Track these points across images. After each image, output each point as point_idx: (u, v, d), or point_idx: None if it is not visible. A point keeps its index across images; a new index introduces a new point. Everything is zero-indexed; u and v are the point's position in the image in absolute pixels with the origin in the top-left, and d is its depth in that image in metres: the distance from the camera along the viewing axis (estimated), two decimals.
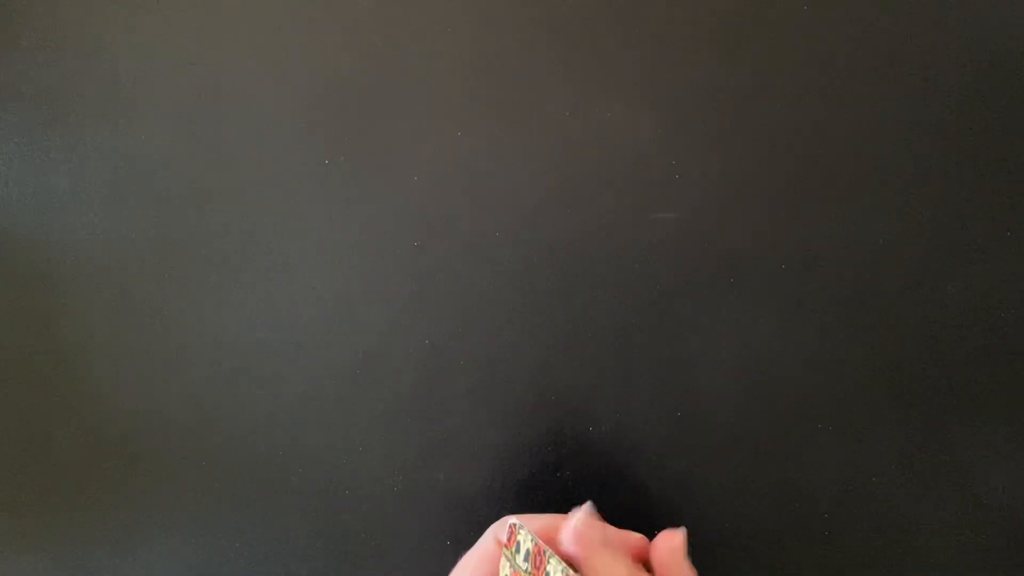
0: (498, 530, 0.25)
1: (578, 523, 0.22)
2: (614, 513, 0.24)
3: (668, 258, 0.29)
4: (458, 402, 0.30)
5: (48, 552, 0.32)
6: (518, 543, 0.25)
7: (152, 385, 0.31)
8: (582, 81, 0.29)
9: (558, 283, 0.29)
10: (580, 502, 0.25)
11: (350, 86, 0.30)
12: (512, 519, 0.25)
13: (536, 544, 0.24)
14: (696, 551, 0.29)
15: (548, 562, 0.24)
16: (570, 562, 0.23)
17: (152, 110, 0.31)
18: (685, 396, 0.29)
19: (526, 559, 0.24)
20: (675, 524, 0.29)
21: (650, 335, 0.29)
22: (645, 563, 0.24)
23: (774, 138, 0.29)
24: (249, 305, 0.31)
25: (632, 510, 0.25)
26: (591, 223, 0.29)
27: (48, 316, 0.32)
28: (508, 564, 0.24)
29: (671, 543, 0.22)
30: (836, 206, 0.28)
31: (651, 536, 0.23)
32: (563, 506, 0.26)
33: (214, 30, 0.31)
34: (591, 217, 0.29)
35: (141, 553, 0.31)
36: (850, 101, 0.28)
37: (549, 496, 0.29)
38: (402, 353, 0.30)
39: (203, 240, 0.31)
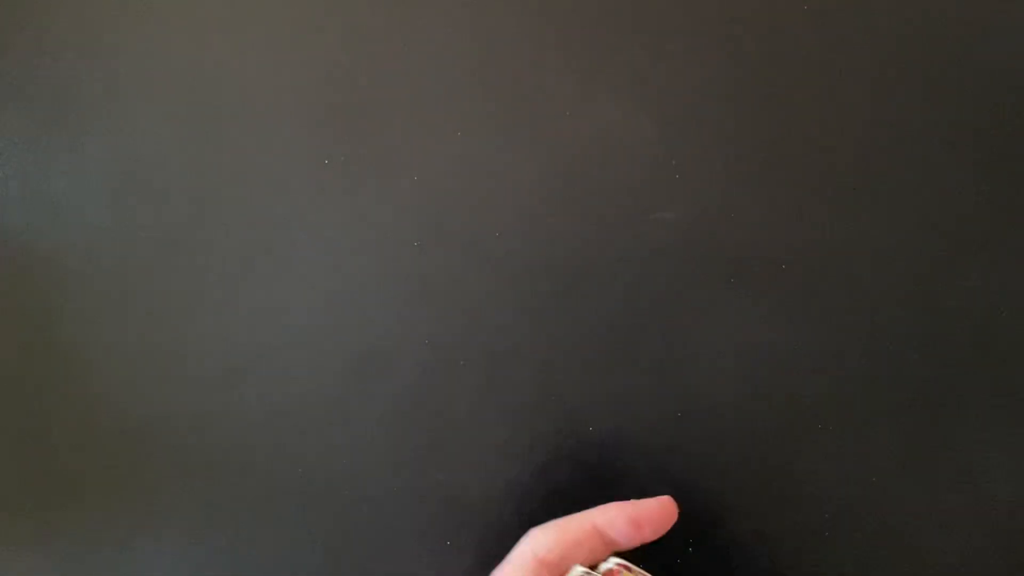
0: (536, 544, 0.23)
1: None
2: None
3: (668, 258, 0.29)
4: (458, 402, 0.30)
5: (48, 552, 0.32)
6: None
7: (152, 385, 0.31)
8: (582, 81, 0.29)
9: (558, 283, 0.29)
10: (580, 502, 0.25)
11: (350, 86, 0.30)
12: (617, 562, 0.23)
13: None
14: (696, 551, 0.29)
15: None
16: None
17: (152, 110, 0.31)
18: (685, 396, 0.29)
19: None
20: (675, 524, 0.29)
21: (650, 335, 0.29)
22: None
23: (774, 138, 0.29)
24: (249, 305, 0.31)
25: None
26: (591, 223, 0.29)
27: (48, 316, 0.32)
28: None
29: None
30: (836, 206, 0.29)
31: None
32: (562, 506, 0.26)
33: (214, 30, 0.31)
34: (591, 217, 0.29)
35: (141, 553, 0.31)
36: (850, 101, 0.29)
37: (549, 496, 0.29)
38: (402, 353, 0.30)
39: (203, 240, 0.31)
